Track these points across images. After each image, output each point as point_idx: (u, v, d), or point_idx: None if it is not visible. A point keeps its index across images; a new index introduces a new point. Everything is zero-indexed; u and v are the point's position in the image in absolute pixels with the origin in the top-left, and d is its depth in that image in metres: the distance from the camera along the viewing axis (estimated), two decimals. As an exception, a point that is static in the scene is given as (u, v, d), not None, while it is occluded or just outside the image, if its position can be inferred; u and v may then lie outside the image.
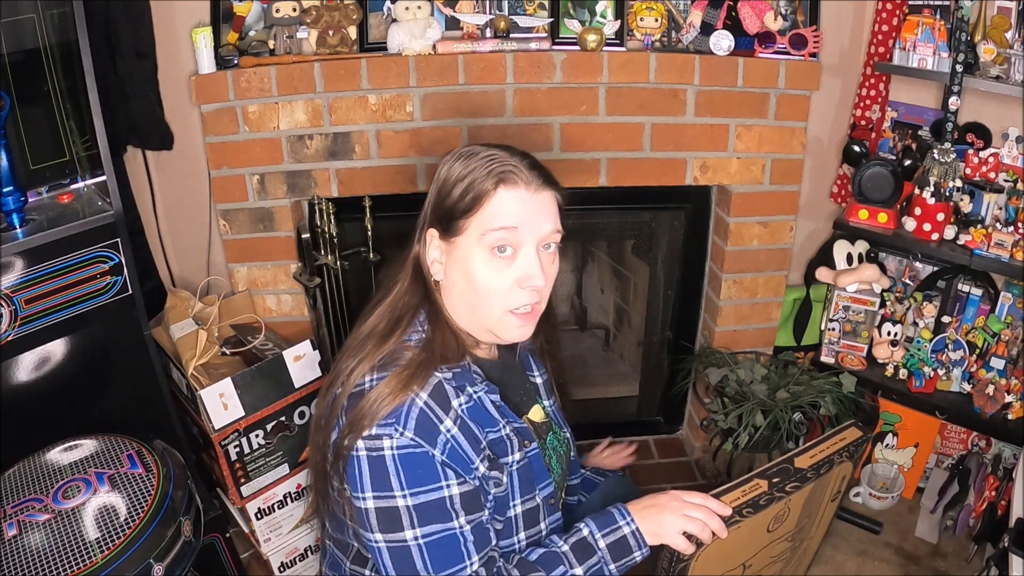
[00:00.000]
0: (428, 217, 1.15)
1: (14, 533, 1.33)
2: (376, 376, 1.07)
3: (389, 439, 1.01)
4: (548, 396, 1.33)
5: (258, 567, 2.05)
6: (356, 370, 1.09)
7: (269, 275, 2.17)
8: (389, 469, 1.01)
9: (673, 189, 2.17)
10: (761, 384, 2.15)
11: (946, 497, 2.19)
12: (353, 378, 1.08)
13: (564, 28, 2.00)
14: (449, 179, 1.12)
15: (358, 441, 1.02)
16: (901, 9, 2.04)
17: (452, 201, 1.11)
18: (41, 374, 1.64)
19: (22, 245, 1.53)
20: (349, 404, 1.07)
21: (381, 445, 1.01)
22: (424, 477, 1.02)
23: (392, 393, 1.03)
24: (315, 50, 1.95)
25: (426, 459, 1.02)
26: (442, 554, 1.03)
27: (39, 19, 1.57)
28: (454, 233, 1.12)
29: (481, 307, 1.13)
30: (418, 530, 1.02)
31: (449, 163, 1.14)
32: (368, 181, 2.06)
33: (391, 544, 1.03)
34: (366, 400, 1.04)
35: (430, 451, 1.03)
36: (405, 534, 1.02)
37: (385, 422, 1.02)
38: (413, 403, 1.04)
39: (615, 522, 1.14)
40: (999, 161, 2.02)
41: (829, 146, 2.27)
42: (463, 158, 1.13)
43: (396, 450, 1.01)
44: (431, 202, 1.15)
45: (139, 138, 1.98)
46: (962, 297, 2.13)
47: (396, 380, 1.04)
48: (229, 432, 1.82)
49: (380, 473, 1.02)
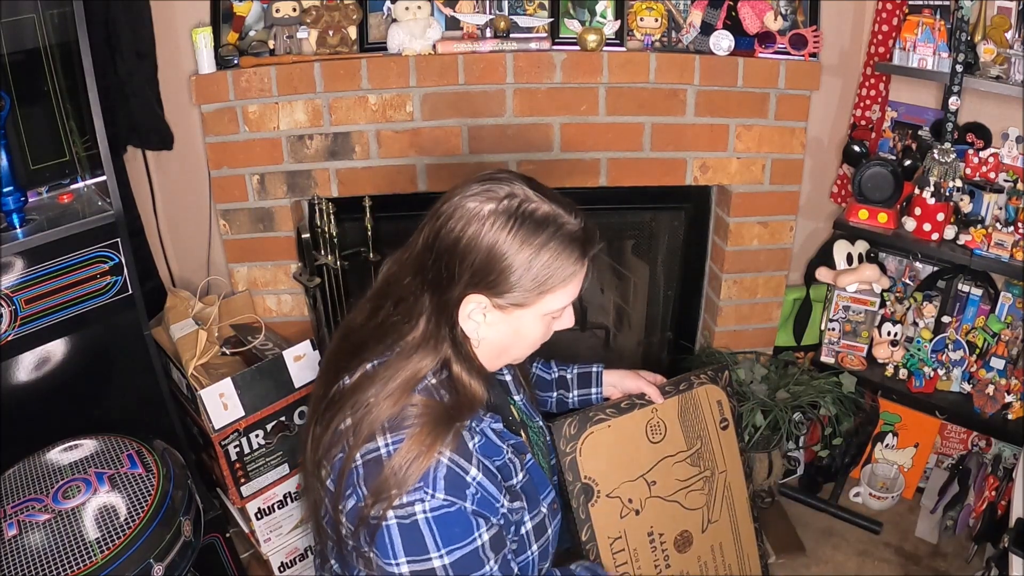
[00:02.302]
0: (471, 284, 1.02)
1: (14, 533, 1.33)
2: (391, 441, 1.00)
3: (421, 503, 0.96)
4: (517, 391, 1.31)
5: (258, 567, 2.05)
6: (361, 430, 1.01)
7: (269, 275, 2.17)
8: (424, 533, 0.97)
9: (673, 189, 2.17)
10: (761, 384, 2.15)
11: (946, 497, 2.19)
12: (360, 440, 1.01)
13: (564, 28, 2.00)
14: (526, 254, 1.00)
15: (388, 512, 0.97)
16: (901, 9, 2.04)
17: (521, 284, 1.02)
18: (41, 374, 1.64)
19: (22, 245, 1.53)
20: (366, 472, 0.99)
21: (413, 511, 0.96)
22: (459, 534, 0.99)
23: (417, 458, 0.97)
24: (315, 50, 1.95)
25: (460, 515, 0.99)
26: None
27: (39, 19, 1.57)
28: (515, 307, 1.04)
29: (516, 352, 1.13)
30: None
31: (499, 232, 1.00)
32: (368, 181, 2.06)
33: None
34: (388, 469, 0.97)
35: (462, 505, 0.99)
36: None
37: (414, 488, 0.97)
38: (439, 464, 0.99)
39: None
40: (999, 161, 2.02)
41: (829, 146, 2.27)
42: (520, 219, 1.00)
43: (429, 512, 0.97)
44: (490, 272, 1.00)
45: (139, 138, 1.98)
46: (962, 297, 2.13)
47: (417, 443, 0.98)
48: (229, 432, 1.82)
49: (414, 538, 0.97)
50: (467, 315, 1.04)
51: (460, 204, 1.02)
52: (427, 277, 1.04)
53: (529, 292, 1.03)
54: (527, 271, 1.01)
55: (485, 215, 1.00)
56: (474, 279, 1.01)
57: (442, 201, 1.06)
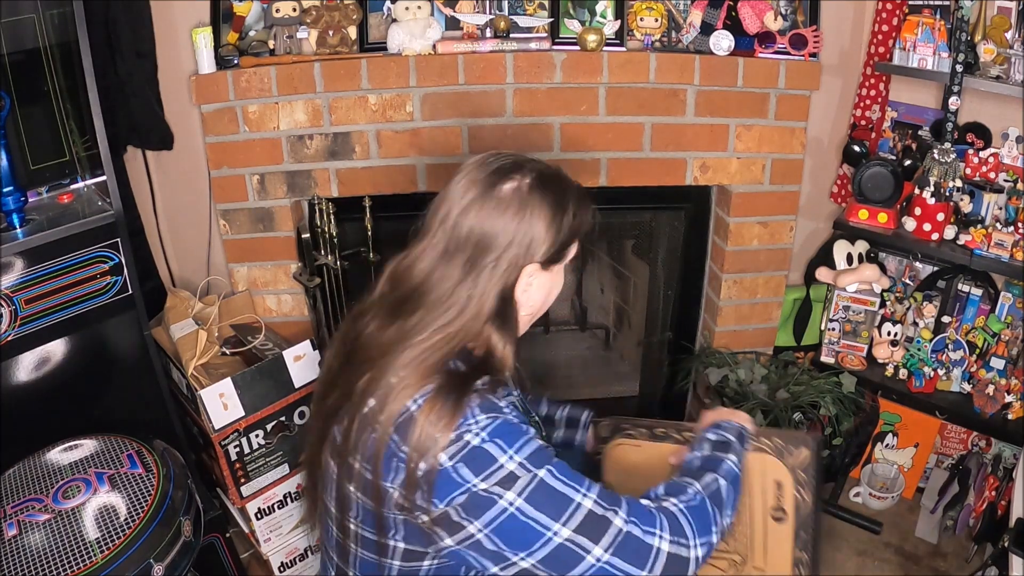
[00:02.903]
0: (532, 253, 1.08)
1: (14, 533, 1.33)
2: (419, 396, 1.01)
3: (469, 432, 0.98)
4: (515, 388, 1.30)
5: (258, 567, 2.05)
6: (390, 407, 1.02)
7: (269, 275, 2.17)
8: (485, 449, 0.97)
9: (673, 189, 2.17)
10: (761, 384, 2.15)
11: (946, 497, 2.19)
12: (390, 415, 1.01)
13: (564, 28, 2.00)
14: (562, 216, 1.09)
15: (440, 455, 0.97)
16: (901, 9, 2.04)
17: (570, 238, 1.11)
18: (41, 374, 1.64)
19: (22, 245, 1.53)
20: (402, 435, 1.00)
21: (467, 442, 0.97)
22: (516, 434, 1.00)
23: (450, 403, 1.00)
24: (315, 50, 1.95)
25: (507, 423, 1.00)
26: (568, 473, 1.01)
27: (39, 19, 1.57)
28: (557, 262, 1.13)
29: (547, 306, 1.18)
30: (538, 469, 0.98)
31: (552, 195, 1.08)
32: (368, 181, 2.06)
33: (527, 490, 0.97)
34: (424, 421, 0.99)
35: (504, 417, 1.01)
36: (534, 472, 0.98)
37: (456, 427, 0.98)
38: (471, 400, 1.01)
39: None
40: (999, 161, 2.02)
41: (829, 146, 2.27)
42: (550, 187, 1.09)
43: (482, 432, 0.98)
44: (544, 239, 1.08)
45: (139, 138, 1.98)
46: (962, 297, 2.13)
47: (445, 391, 1.01)
48: (229, 432, 1.82)
49: (477, 458, 0.97)
50: (524, 287, 1.10)
51: (480, 192, 1.07)
52: (471, 266, 1.07)
53: (568, 247, 1.12)
54: (568, 229, 1.10)
55: (517, 193, 1.07)
56: (530, 252, 1.08)
57: (443, 196, 1.10)
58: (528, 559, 0.96)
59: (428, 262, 1.10)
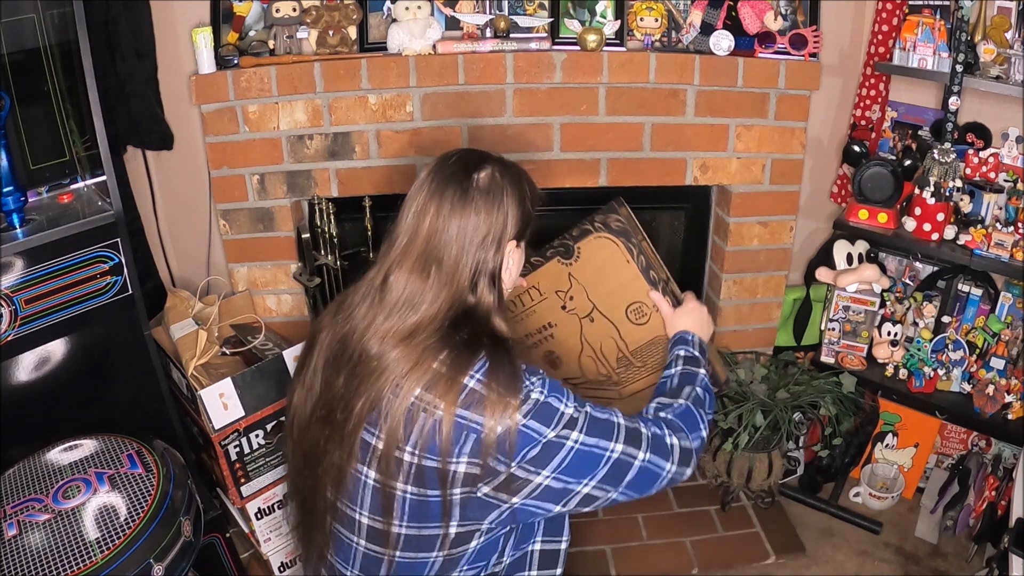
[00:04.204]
0: (509, 232, 1.20)
1: (14, 533, 1.33)
2: (475, 371, 1.11)
3: (533, 390, 1.11)
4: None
5: (258, 567, 2.05)
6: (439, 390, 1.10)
7: (269, 275, 2.17)
8: (550, 403, 1.11)
9: (673, 189, 2.17)
10: (761, 384, 2.15)
11: (946, 497, 2.19)
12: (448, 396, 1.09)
13: (564, 28, 2.00)
14: (529, 194, 1.24)
15: (515, 416, 1.08)
16: (901, 9, 2.05)
17: (532, 212, 1.24)
18: (41, 374, 1.64)
19: (22, 245, 1.53)
20: (472, 409, 1.09)
21: (536, 398, 1.11)
22: (557, 384, 1.15)
23: (505, 369, 1.11)
24: (315, 50, 1.95)
25: (551, 379, 1.16)
26: (613, 412, 1.18)
27: (39, 19, 1.57)
28: (524, 237, 1.24)
29: (512, 287, 1.29)
30: (589, 407, 1.15)
31: (514, 178, 1.22)
32: (368, 181, 2.06)
33: (586, 425, 1.13)
34: (491, 391, 1.09)
35: (546, 376, 1.16)
36: (588, 410, 1.15)
37: (519, 388, 1.10)
38: (519, 365, 1.14)
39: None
40: (999, 161, 2.02)
41: (829, 146, 2.27)
42: (515, 171, 1.23)
43: (542, 389, 1.12)
44: (516, 217, 1.20)
45: (139, 138, 1.98)
46: (962, 297, 2.13)
47: (497, 361, 1.12)
48: (229, 432, 1.82)
49: (546, 413, 1.10)
50: (506, 265, 1.21)
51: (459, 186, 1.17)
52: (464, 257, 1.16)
53: (531, 221, 1.24)
54: (530, 203, 1.23)
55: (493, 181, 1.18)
56: (517, 228, 1.20)
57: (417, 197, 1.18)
58: (592, 481, 1.13)
59: (423, 263, 1.16)
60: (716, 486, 2.28)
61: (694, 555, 2.11)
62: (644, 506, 2.29)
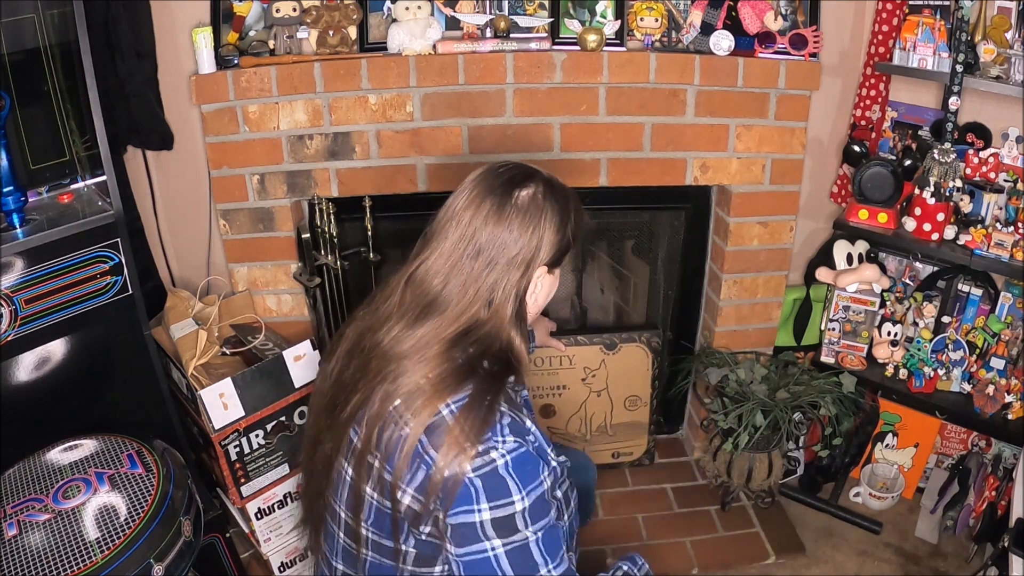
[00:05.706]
0: (541, 257, 1.15)
1: (14, 533, 1.33)
2: (452, 402, 1.07)
3: (495, 450, 1.04)
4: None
5: (258, 567, 2.05)
6: (418, 408, 1.07)
7: (269, 275, 2.17)
8: (505, 478, 1.03)
9: (673, 189, 2.17)
10: (761, 384, 2.15)
11: (946, 497, 2.19)
12: (421, 416, 1.06)
13: (564, 28, 2.00)
14: (573, 221, 1.18)
15: (465, 466, 1.02)
16: (901, 9, 2.04)
17: (570, 241, 1.19)
18: (41, 374, 1.64)
19: (22, 245, 1.53)
20: (433, 438, 1.05)
21: (492, 459, 1.03)
22: (532, 473, 1.06)
23: (481, 412, 1.05)
24: (315, 50, 1.95)
25: (528, 455, 1.06)
26: (552, 543, 1.07)
27: (39, 19, 1.57)
28: (559, 264, 1.20)
29: (540, 311, 1.24)
30: (530, 528, 1.05)
31: (559, 202, 1.16)
32: (368, 181, 2.06)
33: (510, 546, 1.04)
34: (456, 428, 1.04)
35: (528, 447, 1.07)
36: (525, 533, 1.05)
37: (486, 438, 1.04)
38: (503, 415, 1.07)
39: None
40: (999, 161, 2.02)
41: (829, 146, 2.27)
42: (558, 195, 1.17)
43: (508, 456, 1.04)
44: (552, 243, 1.15)
45: (139, 138, 1.98)
46: (962, 297, 2.13)
47: (479, 400, 1.07)
48: (229, 432, 1.82)
49: (497, 485, 1.03)
50: (532, 289, 1.17)
51: (497, 200, 1.13)
52: (490, 270, 1.13)
53: (570, 249, 1.20)
54: (571, 232, 1.18)
55: (534, 201, 1.14)
56: (549, 256, 1.15)
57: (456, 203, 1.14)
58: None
59: (447, 268, 1.13)
60: (716, 486, 2.28)
61: (694, 555, 2.11)
62: (644, 506, 2.30)
